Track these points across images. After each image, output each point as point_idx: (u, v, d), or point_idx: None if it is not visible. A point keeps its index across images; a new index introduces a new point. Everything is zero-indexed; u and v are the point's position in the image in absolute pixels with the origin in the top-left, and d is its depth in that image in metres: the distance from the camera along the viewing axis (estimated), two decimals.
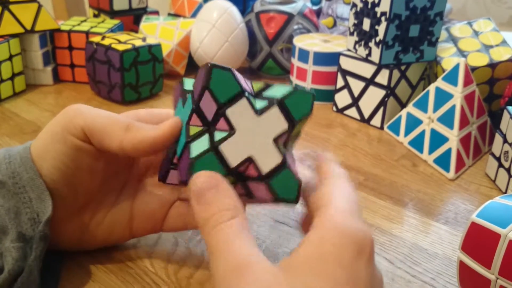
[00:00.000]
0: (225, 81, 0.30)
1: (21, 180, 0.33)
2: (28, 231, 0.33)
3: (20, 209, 0.33)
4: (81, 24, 0.74)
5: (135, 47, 0.65)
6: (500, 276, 0.31)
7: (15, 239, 0.32)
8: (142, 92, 0.68)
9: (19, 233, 0.32)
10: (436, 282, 0.37)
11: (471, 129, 0.54)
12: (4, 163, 0.34)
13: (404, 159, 0.56)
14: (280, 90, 0.31)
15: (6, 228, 0.32)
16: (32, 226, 0.33)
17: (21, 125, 0.60)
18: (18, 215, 0.33)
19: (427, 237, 0.43)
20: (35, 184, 0.33)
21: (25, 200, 0.33)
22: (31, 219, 0.33)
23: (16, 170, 0.33)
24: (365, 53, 0.61)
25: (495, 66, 0.58)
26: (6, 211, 0.33)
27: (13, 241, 0.32)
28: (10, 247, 0.32)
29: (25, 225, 0.33)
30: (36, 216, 0.33)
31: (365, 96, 0.63)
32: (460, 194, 0.49)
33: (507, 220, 0.32)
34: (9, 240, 0.32)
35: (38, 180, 0.33)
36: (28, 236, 0.33)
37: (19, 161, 0.34)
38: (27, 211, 0.33)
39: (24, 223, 0.33)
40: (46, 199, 0.33)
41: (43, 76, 0.72)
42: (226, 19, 0.72)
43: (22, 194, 0.33)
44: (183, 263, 0.38)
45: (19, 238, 0.32)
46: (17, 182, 0.33)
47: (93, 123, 0.33)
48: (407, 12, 0.57)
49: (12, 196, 0.33)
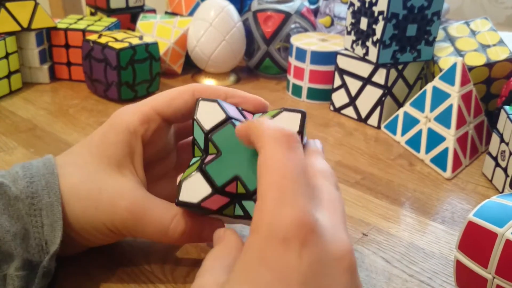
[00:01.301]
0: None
1: (40, 202, 0.32)
2: (35, 257, 0.32)
3: (29, 233, 0.32)
4: (77, 22, 0.74)
5: (132, 45, 0.64)
6: (496, 276, 0.31)
7: (19, 267, 0.31)
8: (139, 91, 0.67)
9: (25, 260, 0.31)
10: (433, 281, 0.37)
11: (468, 128, 0.54)
12: (24, 180, 0.32)
13: (401, 159, 0.56)
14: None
15: (11, 254, 0.31)
16: (39, 252, 0.32)
17: (17, 123, 0.60)
18: (25, 239, 0.32)
19: (424, 236, 0.43)
20: (52, 211, 0.32)
21: (36, 225, 0.32)
22: (39, 245, 0.32)
23: (38, 192, 0.32)
24: (363, 52, 0.61)
25: (492, 65, 0.58)
26: (12, 237, 0.31)
27: (18, 269, 0.31)
28: (13, 275, 0.31)
29: (32, 250, 0.32)
30: (44, 243, 0.32)
31: (362, 95, 0.63)
32: (457, 193, 0.49)
33: (504, 220, 0.32)
34: (14, 267, 0.31)
35: (57, 207, 0.32)
36: (35, 263, 0.32)
37: (43, 184, 0.32)
38: (36, 236, 0.32)
39: (32, 248, 0.32)
40: (58, 229, 0.32)
41: (39, 74, 0.71)
42: (223, 18, 0.72)
43: (35, 217, 0.32)
44: (180, 262, 0.38)
45: (24, 266, 0.31)
46: (35, 203, 0.32)
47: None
48: (404, 12, 0.57)
49: (22, 217, 0.32)
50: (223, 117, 0.33)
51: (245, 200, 0.32)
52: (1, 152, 0.53)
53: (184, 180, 0.32)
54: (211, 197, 0.32)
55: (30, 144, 0.55)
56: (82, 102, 0.67)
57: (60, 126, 0.60)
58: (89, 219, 0.33)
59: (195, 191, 0.32)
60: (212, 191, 0.32)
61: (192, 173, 0.32)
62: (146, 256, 0.38)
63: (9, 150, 0.54)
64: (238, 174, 0.32)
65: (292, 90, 0.71)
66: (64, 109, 0.65)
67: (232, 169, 0.32)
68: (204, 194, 0.32)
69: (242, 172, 0.32)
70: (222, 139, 0.32)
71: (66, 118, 0.62)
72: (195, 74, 0.77)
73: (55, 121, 0.61)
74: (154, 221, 0.34)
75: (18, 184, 0.32)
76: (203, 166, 0.32)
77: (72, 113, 0.64)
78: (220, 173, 0.32)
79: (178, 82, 0.75)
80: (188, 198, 0.32)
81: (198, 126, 0.33)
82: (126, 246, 0.39)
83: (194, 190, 0.32)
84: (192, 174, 0.32)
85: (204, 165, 0.32)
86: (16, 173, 0.33)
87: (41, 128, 0.59)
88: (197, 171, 0.32)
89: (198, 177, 0.32)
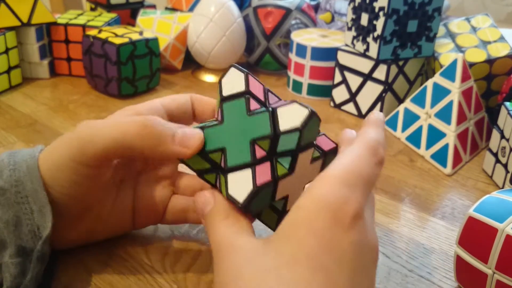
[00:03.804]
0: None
1: (24, 189, 0.32)
2: (29, 243, 0.32)
3: (21, 220, 0.32)
4: (77, 17, 0.74)
5: (132, 40, 0.64)
6: (496, 271, 0.31)
7: (14, 254, 0.31)
8: (139, 86, 0.67)
9: (19, 247, 0.31)
10: (432, 276, 0.37)
11: (468, 124, 0.54)
12: (7, 169, 0.33)
13: (401, 155, 0.55)
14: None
15: (4, 242, 0.31)
16: (32, 238, 0.32)
17: (17, 119, 0.60)
18: (18, 227, 0.32)
19: (424, 231, 0.43)
20: (38, 196, 0.32)
21: (26, 211, 0.32)
22: (32, 231, 0.32)
23: (21, 178, 0.32)
24: (363, 48, 0.61)
25: (492, 62, 0.58)
26: (4, 224, 0.31)
27: (12, 256, 0.31)
28: (8, 263, 0.31)
29: (25, 237, 0.32)
30: (36, 229, 0.32)
31: (362, 91, 0.63)
32: (457, 189, 0.49)
33: (504, 215, 0.32)
34: (8, 254, 0.31)
35: (41, 192, 0.32)
36: (29, 249, 0.32)
37: (24, 170, 0.32)
38: (27, 222, 0.32)
39: (25, 235, 0.32)
40: (47, 213, 0.32)
41: (39, 69, 0.71)
42: (224, 14, 0.72)
43: (24, 205, 0.32)
44: (180, 256, 0.38)
45: (18, 252, 0.31)
46: (20, 191, 0.32)
47: (104, 142, 0.31)
48: (405, 7, 0.57)
49: (12, 205, 0.32)
50: (241, 90, 0.32)
51: (226, 173, 0.31)
52: (1, 147, 0.53)
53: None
54: (196, 157, 0.32)
55: (30, 139, 0.55)
56: (82, 98, 0.67)
57: (60, 121, 0.60)
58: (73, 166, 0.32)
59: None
60: (200, 151, 0.32)
61: (194, 129, 0.33)
62: (146, 250, 0.38)
63: (9, 145, 0.54)
64: (225, 147, 0.31)
65: (292, 86, 0.71)
66: (64, 104, 0.65)
67: (222, 140, 0.32)
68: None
69: (229, 147, 0.31)
70: (231, 110, 0.32)
71: (66, 114, 0.62)
72: (195, 70, 0.77)
73: (55, 116, 0.61)
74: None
75: (3, 173, 0.32)
76: (203, 127, 0.32)
77: (72, 108, 0.64)
78: (212, 140, 0.32)
79: (178, 78, 0.75)
80: None
81: (219, 90, 0.33)
82: (125, 240, 0.39)
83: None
84: (194, 129, 0.33)
85: (205, 127, 0.32)
86: (2, 161, 0.33)
87: (41, 123, 0.59)
88: (198, 129, 0.32)
89: None
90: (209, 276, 0.36)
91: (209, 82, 0.75)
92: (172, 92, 0.70)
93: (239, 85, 0.32)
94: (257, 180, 0.30)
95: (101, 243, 0.38)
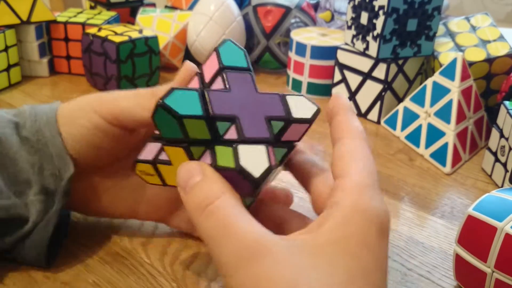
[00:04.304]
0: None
1: (44, 137, 0.35)
2: (51, 185, 0.34)
3: (43, 165, 0.34)
4: (77, 15, 0.74)
5: (132, 39, 0.64)
6: (496, 269, 0.31)
7: (38, 192, 0.34)
8: (139, 84, 0.67)
9: (42, 186, 0.34)
10: (432, 275, 0.37)
11: (467, 123, 0.54)
12: (29, 120, 0.35)
13: (401, 154, 0.56)
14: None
15: (30, 181, 0.34)
16: (54, 181, 0.34)
17: None
18: (41, 170, 0.34)
19: (423, 230, 0.43)
20: (55, 143, 0.35)
21: (47, 157, 0.34)
22: (53, 174, 0.34)
23: (41, 128, 0.35)
24: (363, 47, 0.61)
25: (492, 61, 0.58)
26: (31, 166, 0.34)
27: (36, 194, 0.34)
28: (34, 200, 0.34)
29: (47, 180, 0.34)
30: (57, 172, 0.34)
31: (362, 90, 0.63)
32: (456, 188, 0.49)
33: (503, 213, 0.32)
34: (33, 193, 0.34)
35: (58, 139, 0.35)
36: (51, 190, 0.34)
37: (44, 120, 0.35)
38: (49, 167, 0.34)
39: (47, 178, 0.34)
40: (66, 157, 0.35)
41: (39, 67, 0.71)
42: (223, 12, 0.72)
43: (44, 151, 0.34)
44: (179, 254, 0.38)
45: (41, 191, 0.34)
46: (40, 139, 0.35)
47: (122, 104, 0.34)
48: (405, 6, 0.57)
49: (35, 152, 0.35)
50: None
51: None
52: None
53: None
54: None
55: None
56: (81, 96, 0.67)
57: None
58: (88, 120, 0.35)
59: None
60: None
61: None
62: (145, 248, 0.38)
63: None
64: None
65: (292, 85, 0.71)
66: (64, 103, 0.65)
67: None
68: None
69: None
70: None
71: None
72: None
73: None
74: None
75: (26, 124, 0.35)
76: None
77: None
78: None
79: None
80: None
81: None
82: (125, 237, 0.39)
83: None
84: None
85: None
86: (24, 111, 0.36)
87: None
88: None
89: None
90: (208, 275, 0.36)
91: None
92: None
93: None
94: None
95: (100, 241, 0.38)
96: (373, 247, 0.25)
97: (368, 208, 0.26)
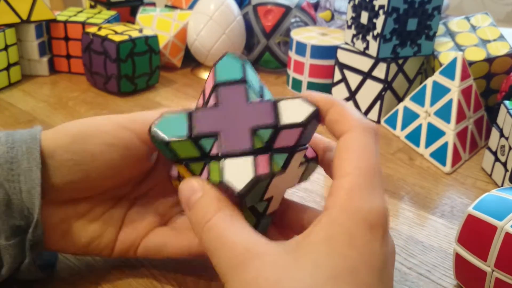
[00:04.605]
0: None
1: (19, 168, 0.31)
2: (22, 223, 0.31)
3: (11, 199, 0.30)
4: (77, 14, 0.74)
5: (132, 38, 0.64)
6: (496, 269, 0.31)
7: (10, 236, 0.30)
8: (139, 84, 0.67)
9: (13, 227, 0.30)
10: (432, 274, 0.37)
11: (467, 123, 0.54)
12: (4, 146, 0.31)
13: (401, 153, 0.56)
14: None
15: None
16: (23, 219, 0.31)
17: (17, 116, 0.60)
18: (9, 205, 0.30)
19: (423, 230, 0.43)
20: (30, 176, 0.31)
21: (15, 191, 0.30)
22: (21, 212, 0.31)
23: (18, 157, 0.31)
24: (363, 46, 0.61)
25: (492, 60, 0.58)
26: None
27: (8, 238, 0.30)
28: (6, 245, 0.30)
29: (17, 215, 0.31)
30: (26, 211, 0.31)
31: (362, 89, 0.63)
32: (456, 188, 0.50)
33: (503, 213, 0.32)
34: (4, 237, 0.30)
35: (36, 172, 0.31)
36: (23, 227, 0.31)
37: (24, 150, 0.31)
38: (17, 202, 0.30)
39: (16, 214, 0.31)
40: (36, 196, 0.30)
41: (38, 66, 0.71)
42: (223, 11, 0.72)
43: (13, 183, 0.30)
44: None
45: (13, 233, 0.30)
46: (13, 169, 0.31)
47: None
48: (405, 6, 0.57)
49: (2, 183, 0.30)
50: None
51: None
52: None
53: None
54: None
55: None
56: (81, 95, 0.67)
57: (59, 119, 0.60)
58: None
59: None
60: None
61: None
62: None
63: None
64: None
65: (292, 84, 0.71)
66: (64, 102, 0.65)
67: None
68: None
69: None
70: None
71: (65, 111, 0.62)
72: (195, 68, 0.77)
73: (55, 113, 0.61)
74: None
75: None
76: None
77: (71, 105, 0.64)
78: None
79: (178, 76, 0.75)
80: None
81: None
82: None
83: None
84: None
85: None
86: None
87: (41, 120, 0.59)
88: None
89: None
90: (209, 275, 0.36)
91: None
92: (172, 90, 0.70)
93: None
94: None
95: None
96: (361, 245, 0.24)
97: (357, 209, 0.25)
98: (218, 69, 0.31)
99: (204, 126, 0.29)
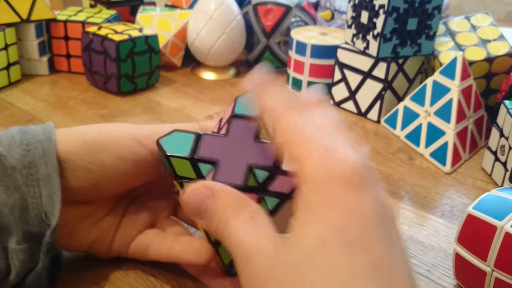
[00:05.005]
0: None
1: (37, 173, 0.30)
2: (35, 228, 0.31)
3: (27, 204, 0.30)
4: (77, 14, 0.74)
5: (132, 37, 0.64)
6: (495, 268, 0.31)
7: (21, 240, 0.30)
8: (138, 83, 0.67)
9: (25, 232, 0.30)
10: (431, 274, 0.37)
11: (467, 123, 0.54)
12: (20, 148, 0.31)
13: (401, 153, 0.56)
14: None
15: (10, 228, 0.30)
16: (39, 223, 0.31)
17: (16, 115, 0.60)
18: (24, 211, 0.30)
19: (423, 229, 0.43)
20: (50, 181, 0.30)
21: (34, 195, 0.30)
22: (39, 216, 0.30)
23: (35, 161, 0.31)
24: (363, 46, 0.61)
25: (492, 60, 0.58)
26: (10, 210, 0.30)
27: (19, 242, 0.30)
28: (16, 249, 0.30)
29: (32, 221, 0.30)
30: (44, 215, 0.30)
31: (362, 89, 0.63)
32: (456, 187, 0.50)
33: (503, 212, 0.32)
34: (15, 241, 0.30)
35: (55, 178, 0.31)
36: (36, 234, 0.31)
37: (40, 153, 0.31)
38: (34, 206, 0.30)
39: (31, 219, 0.30)
40: (56, 200, 0.30)
41: (38, 66, 0.71)
42: (224, 11, 0.72)
43: (33, 188, 0.30)
44: None
45: (25, 238, 0.30)
46: (32, 173, 0.30)
47: None
48: (405, 5, 0.57)
49: (19, 187, 0.30)
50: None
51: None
52: None
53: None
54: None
55: None
56: (81, 94, 0.67)
57: (59, 118, 0.60)
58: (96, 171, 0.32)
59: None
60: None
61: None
62: None
63: None
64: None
65: (292, 83, 0.71)
66: (64, 101, 0.65)
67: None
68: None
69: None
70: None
71: (65, 110, 0.62)
72: (195, 67, 0.77)
73: (55, 113, 0.61)
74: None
75: (14, 151, 0.31)
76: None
77: (71, 105, 0.64)
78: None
79: (178, 75, 0.75)
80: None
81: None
82: None
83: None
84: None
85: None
86: (13, 137, 0.31)
87: (40, 120, 0.59)
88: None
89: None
90: None
91: (208, 79, 0.75)
92: (172, 89, 0.70)
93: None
94: None
95: None
96: (340, 201, 0.23)
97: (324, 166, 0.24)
98: (238, 102, 0.32)
99: (206, 151, 0.30)
